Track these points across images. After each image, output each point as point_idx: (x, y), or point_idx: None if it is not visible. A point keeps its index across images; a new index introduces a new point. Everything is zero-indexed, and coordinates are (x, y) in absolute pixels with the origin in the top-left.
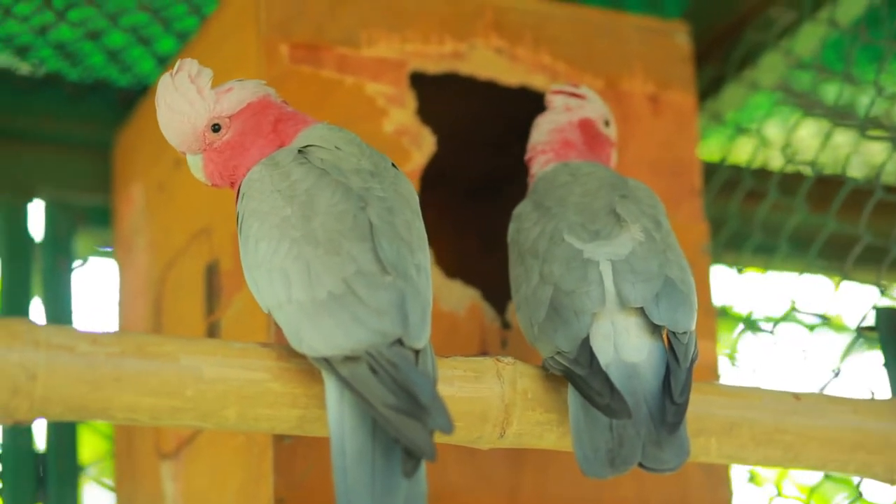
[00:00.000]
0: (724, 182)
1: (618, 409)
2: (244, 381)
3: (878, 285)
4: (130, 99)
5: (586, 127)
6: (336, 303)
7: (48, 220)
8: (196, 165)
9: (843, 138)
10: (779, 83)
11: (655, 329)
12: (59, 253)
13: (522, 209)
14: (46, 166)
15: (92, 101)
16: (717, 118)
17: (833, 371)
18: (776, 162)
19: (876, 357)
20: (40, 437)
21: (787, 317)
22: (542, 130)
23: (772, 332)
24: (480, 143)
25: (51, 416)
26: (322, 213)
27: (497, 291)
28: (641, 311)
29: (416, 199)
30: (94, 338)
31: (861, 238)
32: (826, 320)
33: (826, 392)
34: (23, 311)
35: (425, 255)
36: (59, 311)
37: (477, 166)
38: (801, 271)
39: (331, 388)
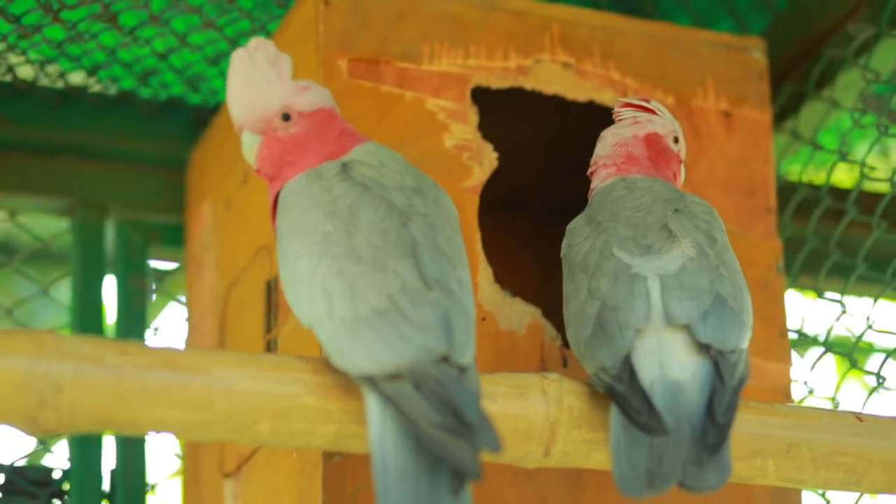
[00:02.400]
0: (802, 201)
1: (655, 426)
2: (277, 394)
3: None
4: (203, 117)
5: (652, 142)
6: (380, 319)
7: (121, 238)
8: (252, 146)
9: None
10: (869, 98)
11: (704, 347)
12: (132, 272)
13: (575, 224)
14: (120, 185)
15: (165, 119)
16: (797, 136)
17: None
18: (856, 180)
19: None
20: (109, 453)
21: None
22: (606, 144)
23: (850, 356)
24: (554, 164)
25: (78, 429)
26: (365, 229)
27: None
28: (689, 328)
29: (457, 215)
30: (122, 349)
31: None
32: None
33: None
34: (95, 329)
35: (466, 270)
36: (132, 331)
37: (553, 187)
38: (878, 294)
39: (372, 405)
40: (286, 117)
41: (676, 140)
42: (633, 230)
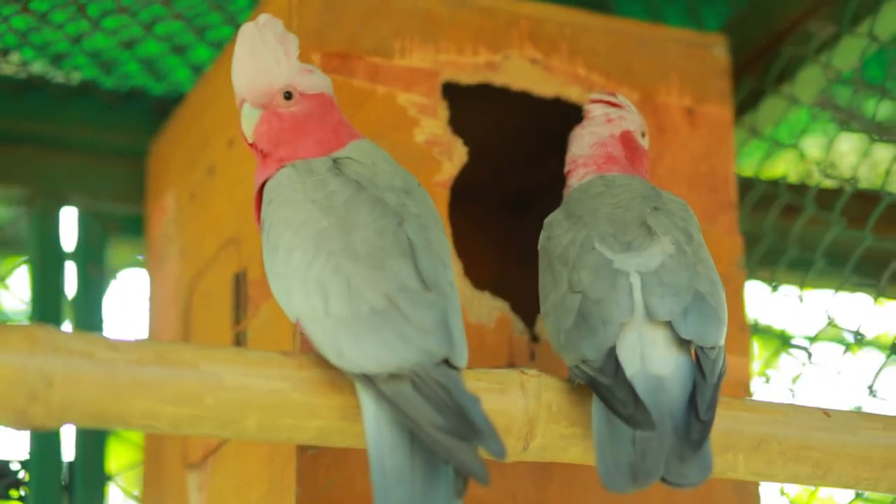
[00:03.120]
0: (760, 197)
1: (641, 420)
2: (265, 390)
3: None
4: (165, 107)
5: (627, 140)
6: (379, 318)
7: (80, 228)
8: (251, 118)
9: (882, 153)
10: (820, 97)
11: (683, 343)
12: (91, 261)
13: (554, 218)
14: (80, 174)
15: (126, 109)
16: (755, 132)
17: (869, 389)
18: (813, 176)
19: None
20: (68, 445)
21: (823, 334)
22: (584, 144)
23: (807, 350)
24: (514, 157)
25: (68, 423)
26: (362, 227)
27: (527, 304)
28: (670, 325)
29: (440, 216)
30: (113, 344)
31: None
32: (862, 337)
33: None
34: (53, 319)
35: (452, 272)
36: (90, 320)
37: (511, 180)
38: (837, 287)
39: (367, 404)
40: (288, 95)
41: (644, 135)
42: (612, 226)
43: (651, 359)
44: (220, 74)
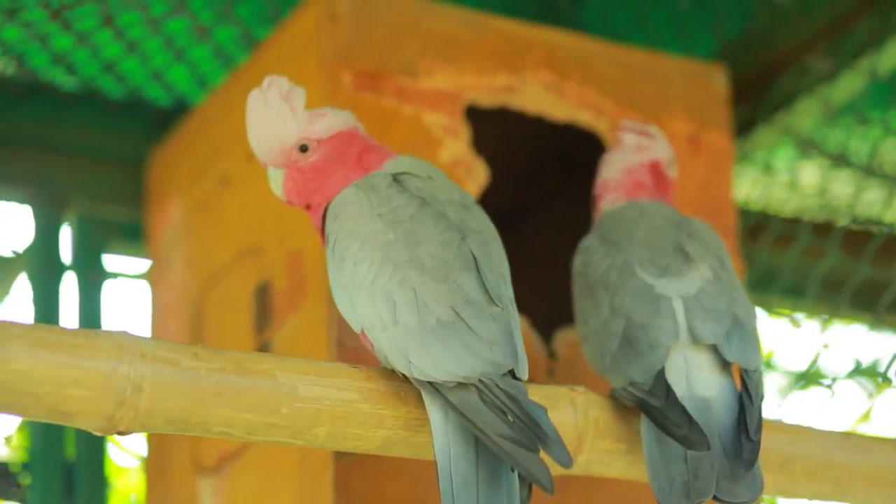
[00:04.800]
0: (752, 224)
1: (696, 440)
2: (336, 400)
3: None
4: (167, 117)
5: (655, 169)
6: (446, 330)
7: (80, 232)
8: (276, 180)
9: (875, 188)
10: (803, 139)
11: (726, 366)
12: (90, 266)
13: (589, 243)
14: (80, 179)
15: (129, 117)
16: (747, 160)
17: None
18: (805, 205)
19: None
20: (70, 445)
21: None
22: (615, 169)
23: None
24: (509, 174)
25: (151, 429)
26: (427, 240)
27: (540, 322)
28: (712, 348)
29: (496, 232)
30: (195, 352)
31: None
32: (858, 364)
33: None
34: (52, 322)
35: (511, 288)
36: (89, 325)
37: (504, 196)
38: (831, 315)
39: (434, 413)
40: (303, 148)
41: (671, 165)
42: (649, 251)
43: (697, 381)
44: (235, 90)
